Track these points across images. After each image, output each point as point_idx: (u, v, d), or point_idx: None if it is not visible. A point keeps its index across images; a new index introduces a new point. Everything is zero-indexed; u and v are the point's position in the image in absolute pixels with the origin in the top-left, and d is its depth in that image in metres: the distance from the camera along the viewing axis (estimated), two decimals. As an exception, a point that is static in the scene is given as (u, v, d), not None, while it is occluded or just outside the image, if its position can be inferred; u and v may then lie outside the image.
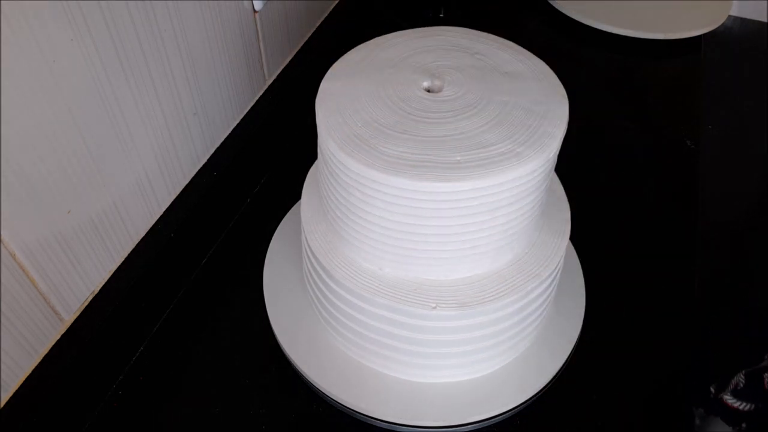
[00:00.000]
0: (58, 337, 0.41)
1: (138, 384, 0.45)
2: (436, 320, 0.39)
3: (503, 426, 0.43)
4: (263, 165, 0.61)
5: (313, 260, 0.42)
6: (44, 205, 0.37)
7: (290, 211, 0.54)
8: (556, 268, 0.41)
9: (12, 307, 0.37)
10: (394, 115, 0.37)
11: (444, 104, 0.38)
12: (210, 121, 0.53)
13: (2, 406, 0.38)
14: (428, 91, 0.39)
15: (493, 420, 0.43)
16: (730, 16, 0.89)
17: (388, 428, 0.43)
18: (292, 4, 0.61)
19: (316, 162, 0.46)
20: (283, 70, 0.63)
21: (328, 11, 0.71)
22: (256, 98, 0.59)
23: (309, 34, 0.68)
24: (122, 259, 0.46)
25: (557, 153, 0.38)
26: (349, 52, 0.42)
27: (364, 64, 0.41)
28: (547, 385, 0.44)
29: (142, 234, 0.48)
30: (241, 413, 0.43)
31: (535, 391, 0.44)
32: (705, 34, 0.77)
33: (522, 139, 0.36)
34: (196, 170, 0.53)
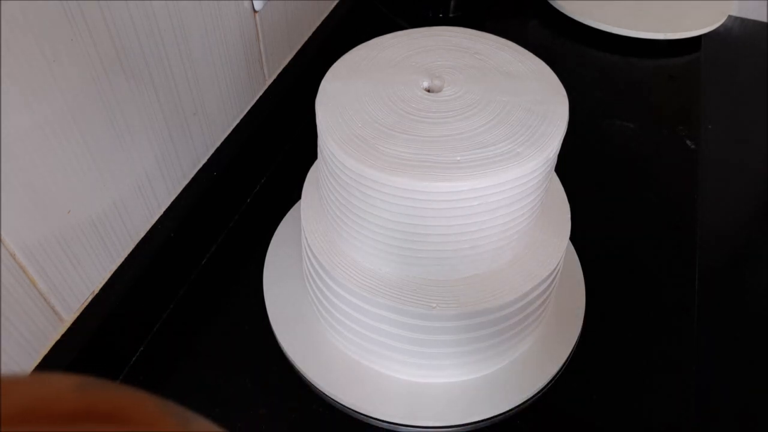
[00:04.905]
0: (58, 337, 0.41)
1: (138, 384, 0.45)
2: (436, 320, 0.39)
3: (503, 426, 0.43)
4: (263, 165, 0.61)
5: (313, 260, 0.42)
6: (44, 205, 0.37)
7: (290, 211, 0.54)
8: (556, 268, 0.41)
9: (12, 307, 0.37)
10: (394, 115, 0.37)
11: (444, 104, 0.38)
12: (210, 121, 0.52)
13: (2, 406, 0.38)
14: (428, 91, 0.39)
15: (493, 420, 0.43)
16: (730, 16, 0.89)
17: (388, 428, 0.43)
18: (292, 4, 0.61)
19: (316, 162, 0.46)
20: (283, 70, 0.63)
21: (328, 11, 0.71)
22: (256, 98, 0.59)
23: (309, 34, 0.68)
24: (122, 259, 0.46)
25: (557, 153, 0.38)
26: (349, 52, 0.42)
27: (364, 64, 0.41)
28: (547, 385, 0.44)
29: (142, 234, 0.48)
30: (241, 413, 0.43)
31: (535, 391, 0.44)
32: (705, 34, 0.77)
33: (522, 139, 0.36)
34: (196, 170, 0.53)
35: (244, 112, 0.58)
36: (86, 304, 0.43)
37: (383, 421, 0.42)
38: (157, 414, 0.13)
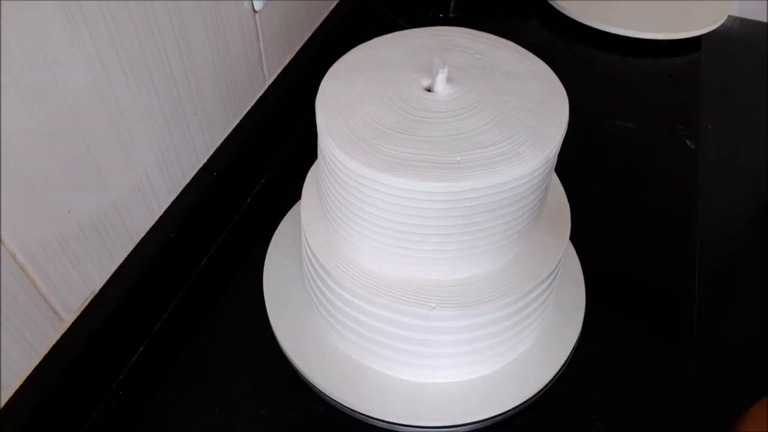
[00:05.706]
0: (58, 337, 0.41)
1: (138, 384, 0.45)
2: (436, 320, 0.39)
3: (503, 426, 0.43)
4: (263, 165, 0.61)
5: (313, 260, 0.42)
6: (44, 205, 0.37)
7: (290, 211, 0.54)
8: (556, 268, 0.41)
9: (12, 308, 0.37)
10: (394, 115, 0.37)
11: (444, 104, 0.38)
12: (210, 121, 0.52)
13: (2, 406, 0.38)
14: (428, 90, 0.39)
15: (493, 420, 0.43)
16: (730, 16, 0.89)
17: (388, 428, 0.43)
18: (292, 4, 0.61)
19: (316, 162, 0.46)
20: (283, 70, 0.63)
21: (328, 11, 0.71)
22: (256, 98, 0.59)
23: (309, 34, 0.68)
24: (122, 260, 0.46)
25: (557, 153, 0.38)
26: (349, 52, 0.42)
27: (364, 64, 0.41)
28: (547, 385, 0.44)
29: (142, 234, 0.48)
30: (241, 413, 0.43)
31: (535, 391, 0.44)
32: (705, 34, 0.78)
33: (522, 139, 0.36)
34: (196, 170, 0.53)
35: (244, 112, 0.58)
36: (86, 304, 0.43)
37: (383, 421, 0.42)
38: None
